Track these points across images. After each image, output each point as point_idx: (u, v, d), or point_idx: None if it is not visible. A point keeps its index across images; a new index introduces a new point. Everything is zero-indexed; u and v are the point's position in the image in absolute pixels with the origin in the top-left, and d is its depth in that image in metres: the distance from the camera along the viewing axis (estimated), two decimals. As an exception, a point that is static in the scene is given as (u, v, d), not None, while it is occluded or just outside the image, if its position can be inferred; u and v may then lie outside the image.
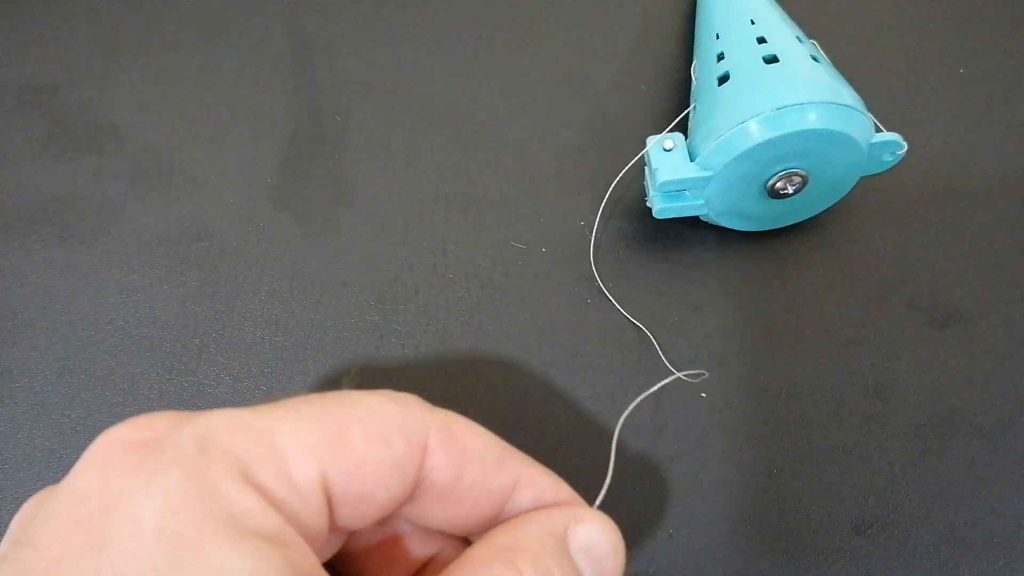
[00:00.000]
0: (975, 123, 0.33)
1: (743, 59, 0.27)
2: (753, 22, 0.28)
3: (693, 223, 0.31)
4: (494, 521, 0.18)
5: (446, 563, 0.19)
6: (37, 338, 0.29)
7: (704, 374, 0.28)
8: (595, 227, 0.31)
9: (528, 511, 0.18)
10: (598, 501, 0.20)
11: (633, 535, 0.27)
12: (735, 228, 0.30)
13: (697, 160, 0.27)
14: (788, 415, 0.28)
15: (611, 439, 0.28)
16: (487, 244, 0.31)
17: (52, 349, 0.29)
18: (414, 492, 0.17)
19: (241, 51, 0.34)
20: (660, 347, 0.29)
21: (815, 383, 0.29)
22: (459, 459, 0.17)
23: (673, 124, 0.31)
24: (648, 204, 0.29)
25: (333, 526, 0.16)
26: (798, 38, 0.28)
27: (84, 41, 0.34)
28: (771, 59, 0.27)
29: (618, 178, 0.30)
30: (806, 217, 0.30)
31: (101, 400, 0.28)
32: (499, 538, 0.17)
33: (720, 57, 0.28)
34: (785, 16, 0.30)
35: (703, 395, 0.29)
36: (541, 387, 0.29)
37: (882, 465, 0.28)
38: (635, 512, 0.27)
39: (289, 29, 0.35)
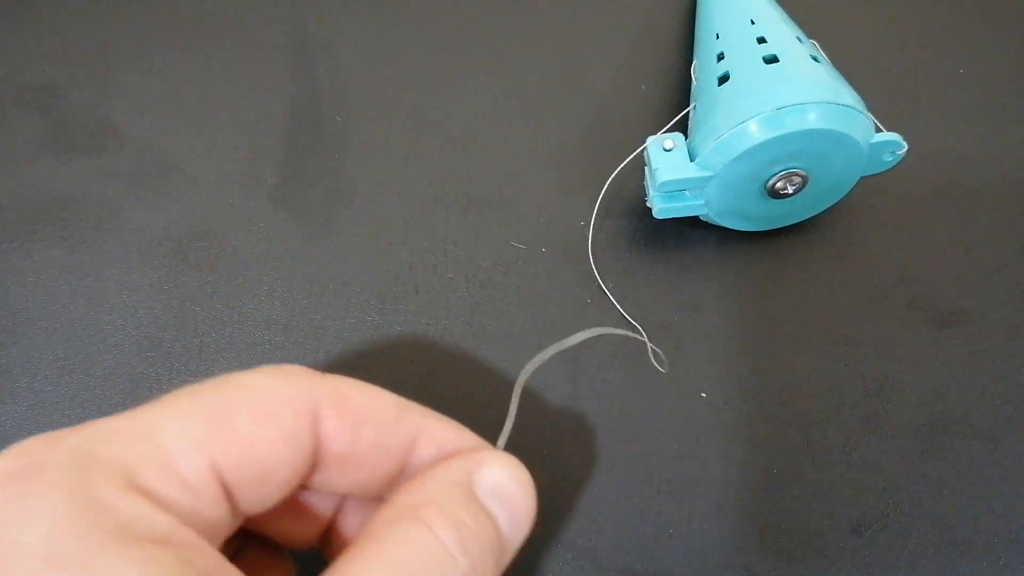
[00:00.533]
0: (975, 123, 0.33)
1: (743, 59, 0.27)
2: (753, 22, 0.28)
3: (693, 223, 0.31)
4: (400, 478, 0.18)
5: (357, 513, 0.19)
6: (37, 338, 0.29)
7: (660, 353, 0.28)
8: (591, 225, 0.31)
9: (432, 463, 0.18)
10: (501, 443, 0.20)
11: (633, 535, 0.27)
12: (735, 228, 0.30)
13: (697, 160, 0.27)
14: (788, 415, 0.28)
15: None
16: (487, 244, 0.31)
17: (52, 349, 0.29)
18: (315, 462, 0.16)
19: (241, 51, 0.34)
20: (653, 347, 0.29)
21: (815, 383, 0.29)
22: (353, 421, 0.17)
23: (672, 123, 0.31)
24: (648, 204, 0.29)
25: (236, 512, 0.15)
26: (798, 38, 0.28)
27: (84, 41, 0.34)
28: (771, 59, 0.27)
29: (611, 177, 0.30)
30: (806, 217, 0.30)
31: (101, 400, 0.28)
32: (404, 497, 0.17)
33: (720, 57, 0.28)
34: (785, 16, 0.30)
35: (703, 395, 0.29)
36: (541, 387, 0.29)
37: (882, 465, 0.28)
38: (635, 512, 0.27)
39: (289, 29, 0.35)
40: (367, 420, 0.17)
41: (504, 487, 0.18)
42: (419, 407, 0.18)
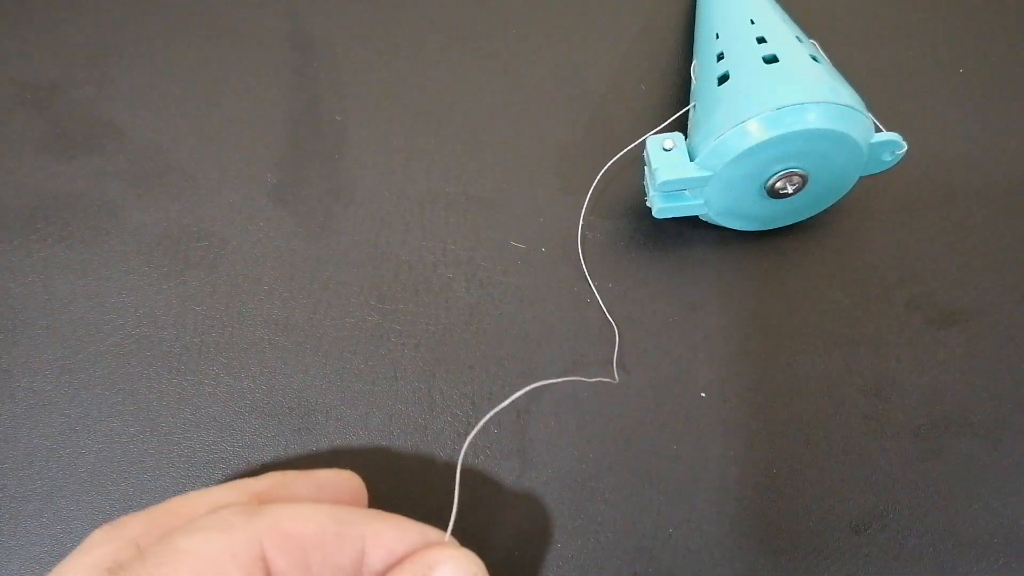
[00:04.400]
0: (975, 123, 0.33)
1: (743, 59, 0.27)
2: (753, 22, 0.28)
3: (693, 223, 0.31)
4: None
5: None
6: (37, 338, 0.29)
7: (605, 381, 0.28)
8: (580, 222, 0.31)
9: (385, 570, 0.18)
10: (448, 531, 0.20)
11: (633, 535, 0.27)
12: (735, 228, 0.30)
13: (697, 160, 0.27)
14: (788, 415, 0.28)
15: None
16: (487, 244, 0.31)
17: (52, 349, 0.29)
18: None
19: (241, 50, 0.34)
20: (621, 348, 0.29)
21: (815, 383, 0.29)
22: (300, 553, 0.17)
23: (670, 120, 0.31)
24: (648, 204, 0.29)
25: None
26: (798, 38, 0.28)
27: (84, 41, 0.34)
28: (771, 59, 0.27)
29: (602, 172, 0.30)
30: (806, 217, 0.30)
31: (101, 400, 0.28)
32: None
33: (720, 57, 0.28)
34: (785, 16, 0.30)
35: (703, 395, 0.29)
36: (542, 388, 0.29)
37: (882, 465, 0.28)
38: (635, 512, 0.27)
39: (289, 29, 0.35)
40: (312, 547, 0.17)
41: None
42: (359, 512, 0.19)
